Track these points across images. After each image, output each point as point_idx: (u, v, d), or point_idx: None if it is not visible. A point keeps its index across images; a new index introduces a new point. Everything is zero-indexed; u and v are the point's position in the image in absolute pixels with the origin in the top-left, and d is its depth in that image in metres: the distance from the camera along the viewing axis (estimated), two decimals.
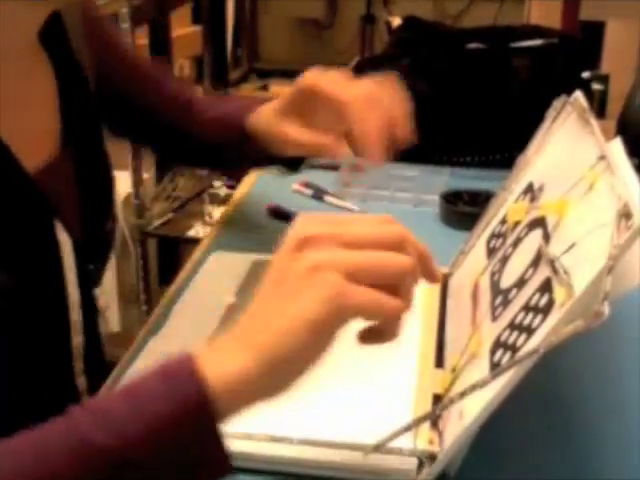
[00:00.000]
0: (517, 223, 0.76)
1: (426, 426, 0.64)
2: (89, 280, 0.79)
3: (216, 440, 0.50)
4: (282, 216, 1.12)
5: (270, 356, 0.51)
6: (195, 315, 0.83)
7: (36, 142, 0.74)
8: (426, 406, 0.67)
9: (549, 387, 0.74)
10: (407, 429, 0.60)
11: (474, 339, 0.68)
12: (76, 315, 0.76)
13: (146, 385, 0.51)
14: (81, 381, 0.79)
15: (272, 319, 0.51)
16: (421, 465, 0.61)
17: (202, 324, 0.81)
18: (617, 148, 0.66)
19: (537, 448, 0.67)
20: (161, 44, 2.68)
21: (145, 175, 2.24)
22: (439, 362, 0.73)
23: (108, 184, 0.86)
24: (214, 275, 0.92)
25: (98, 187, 0.83)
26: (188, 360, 0.51)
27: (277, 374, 0.51)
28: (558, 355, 0.58)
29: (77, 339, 0.77)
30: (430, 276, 0.58)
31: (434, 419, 0.63)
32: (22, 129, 0.70)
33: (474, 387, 0.56)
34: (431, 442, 0.62)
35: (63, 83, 0.79)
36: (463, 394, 0.57)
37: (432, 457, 0.61)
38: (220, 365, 0.50)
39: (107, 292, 2.03)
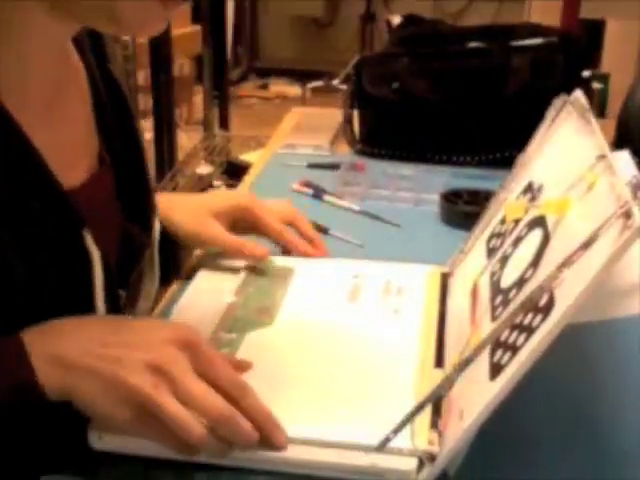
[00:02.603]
0: (516, 221, 0.76)
1: (426, 426, 0.64)
2: (118, 299, 0.76)
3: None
4: None
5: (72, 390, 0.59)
6: (195, 315, 0.83)
7: (71, 157, 0.73)
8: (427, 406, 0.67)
9: (550, 387, 0.73)
10: (412, 415, 0.61)
11: (474, 339, 0.68)
12: None
13: None
14: None
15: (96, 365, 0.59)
16: (421, 465, 0.61)
17: (202, 323, 0.81)
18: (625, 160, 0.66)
19: (537, 448, 0.67)
20: (161, 43, 2.68)
21: None
22: (439, 362, 0.73)
23: (147, 204, 0.84)
24: (214, 275, 0.92)
25: (137, 205, 0.81)
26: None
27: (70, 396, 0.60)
28: (560, 355, 0.58)
29: None
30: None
31: (437, 400, 0.63)
32: (57, 143, 0.70)
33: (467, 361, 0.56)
34: (431, 442, 0.62)
35: (99, 96, 0.78)
36: (460, 368, 0.58)
37: (432, 457, 0.61)
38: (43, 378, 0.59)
39: None
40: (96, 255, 0.71)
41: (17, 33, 0.66)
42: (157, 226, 0.85)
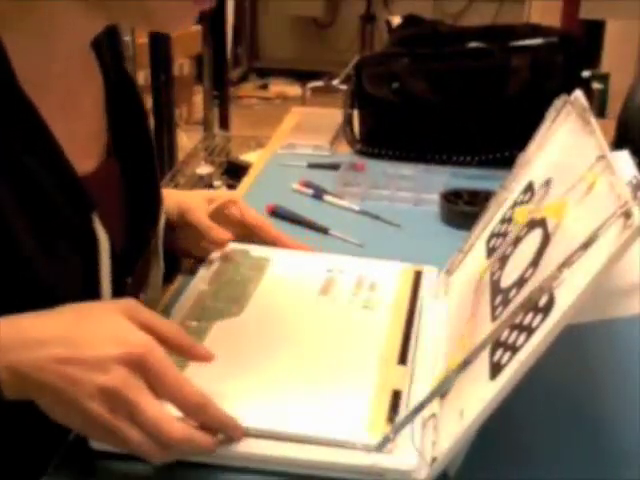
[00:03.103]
0: (519, 223, 0.76)
1: (382, 419, 0.64)
2: (124, 286, 0.77)
3: None
4: (282, 215, 1.12)
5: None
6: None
7: (83, 148, 0.74)
8: (384, 402, 0.67)
9: (550, 387, 0.73)
10: (412, 415, 0.61)
11: (474, 338, 0.68)
12: None
13: None
14: None
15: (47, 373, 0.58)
16: (421, 465, 0.61)
17: (172, 312, 0.82)
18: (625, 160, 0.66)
19: (537, 448, 0.67)
20: (161, 43, 2.68)
21: None
22: (402, 359, 0.74)
23: (154, 198, 0.86)
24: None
25: (144, 199, 0.83)
26: None
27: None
28: (560, 355, 0.58)
29: None
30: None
31: (443, 392, 0.64)
32: (71, 133, 0.71)
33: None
34: (431, 443, 0.62)
35: (112, 92, 0.80)
36: (460, 368, 0.58)
37: (432, 457, 0.61)
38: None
39: None
40: (104, 238, 0.72)
41: (47, 29, 0.68)
42: (163, 219, 0.87)
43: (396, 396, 0.68)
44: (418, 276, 0.89)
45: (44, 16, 0.67)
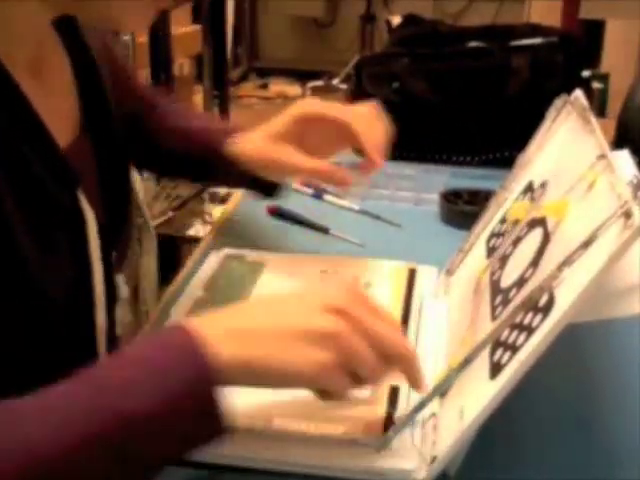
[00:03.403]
0: (517, 221, 0.76)
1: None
2: (111, 262, 0.78)
3: (216, 412, 0.55)
4: (282, 215, 1.12)
5: (261, 372, 0.58)
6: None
7: (59, 123, 0.74)
8: (382, 398, 0.68)
9: (550, 387, 0.74)
10: (412, 415, 0.62)
11: (474, 338, 0.68)
12: (100, 288, 0.75)
13: (159, 357, 0.56)
14: None
15: (274, 347, 0.58)
16: (421, 465, 0.61)
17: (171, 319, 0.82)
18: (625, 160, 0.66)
19: (537, 448, 0.67)
20: (161, 43, 2.68)
21: (145, 174, 2.24)
22: None
23: (125, 171, 0.86)
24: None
25: (116, 173, 0.83)
26: (194, 336, 0.56)
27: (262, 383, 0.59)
28: (560, 355, 0.58)
29: (101, 316, 0.75)
30: None
31: (443, 392, 0.64)
32: (47, 109, 0.71)
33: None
34: (431, 442, 0.62)
35: (77, 69, 0.80)
36: (460, 368, 0.59)
37: (432, 457, 0.61)
38: (220, 351, 0.56)
39: None
40: (90, 215, 0.73)
41: (6, 16, 0.67)
42: (140, 193, 0.87)
43: (394, 392, 0.69)
44: (412, 274, 0.90)
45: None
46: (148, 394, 0.53)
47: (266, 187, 0.96)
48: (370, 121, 0.87)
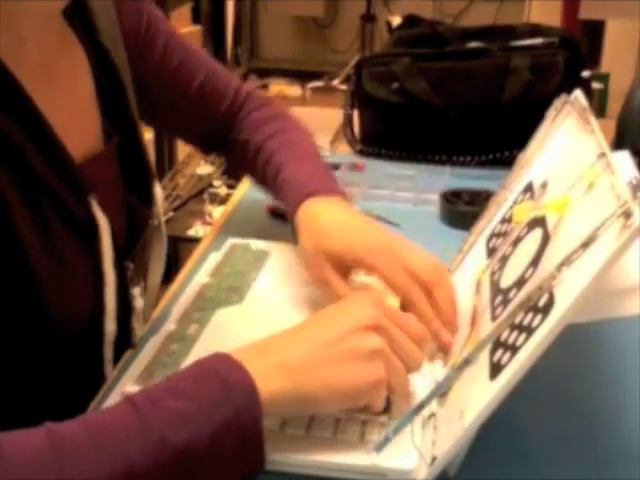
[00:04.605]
0: (519, 223, 0.76)
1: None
2: (125, 273, 0.77)
3: (260, 446, 0.58)
4: (282, 216, 1.12)
5: (310, 399, 0.61)
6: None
7: (78, 129, 0.74)
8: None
9: (550, 387, 0.73)
10: (411, 415, 0.62)
11: (474, 338, 0.68)
12: (111, 297, 0.74)
13: (206, 388, 0.57)
14: (109, 370, 0.77)
15: (326, 373, 0.61)
16: (421, 465, 0.61)
17: (177, 304, 0.84)
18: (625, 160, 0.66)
19: (537, 448, 0.67)
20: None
21: None
22: None
23: (146, 176, 0.85)
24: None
25: (140, 179, 0.83)
26: (240, 369, 0.59)
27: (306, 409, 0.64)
28: (560, 355, 0.58)
29: (110, 325, 0.75)
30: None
31: (443, 392, 0.65)
32: (59, 117, 0.71)
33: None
34: (431, 442, 0.62)
35: (97, 71, 0.79)
36: (460, 368, 0.60)
37: (432, 457, 0.61)
38: (267, 385, 0.59)
39: None
40: (104, 224, 0.73)
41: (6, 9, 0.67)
42: (159, 194, 0.87)
43: None
44: None
45: None
46: (196, 428, 0.55)
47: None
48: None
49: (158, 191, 0.87)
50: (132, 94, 0.84)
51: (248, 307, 0.82)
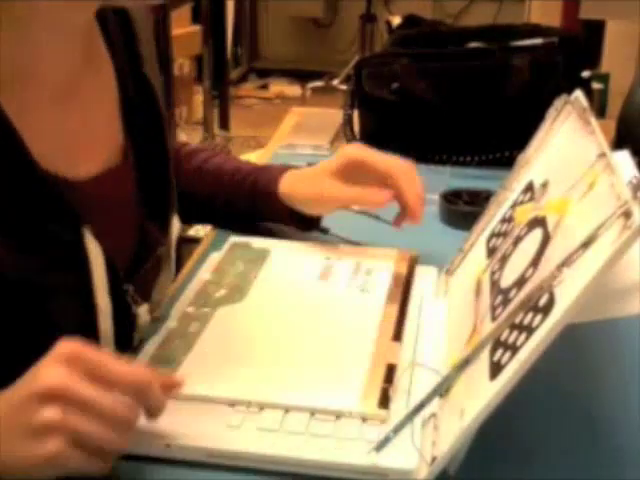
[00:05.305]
0: (519, 223, 0.76)
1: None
2: (125, 294, 0.76)
3: None
4: None
5: None
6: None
7: (88, 148, 0.73)
8: (378, 374, 0.70)
9: (550, 387, 0.73)
10: (411, 415, 0.62)
11: (474, 338, 0.68)
12: (107, 324, 0.73)
13: None
14: None
15: (7, 451, 0.56)
16: (421, 465, 0.61)
17: (178, 300, 0.84)
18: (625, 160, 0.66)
19: (537, 448, 0.67)
20: (161, 43, 2.67)
21: None
22: (397, 336, 0.77)
23: (168, 199, 0.85)
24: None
25: (158, 200, 0.82)
26: None
27: None
28: (560, 355, 0.58)
29: (107, 345, 0.74)
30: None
31: (443, 392, 0.65)
32: (70, 132, 0.70)
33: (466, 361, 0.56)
34: (431, 442, 0.62)
35: (126, 92, 0.78)
36: (460, 368, 0.60)
37: (432, 457, 0.61)
38: None
39: None
40: (96, 252, 0.71)
41: (20, 16, 0.66)
42: (176, 225, 0.86)
43: (390, 369, 0.71)
44: (413, 260, 0.92)
45: (12, 3, 0.65)
46: None
47: (305, 221, 0.99)
48: (412, 176, 0.92)
49: (175, 224, 0.86)
50: (164, 108, 0.84)
51: (249, 305, 0.83)
